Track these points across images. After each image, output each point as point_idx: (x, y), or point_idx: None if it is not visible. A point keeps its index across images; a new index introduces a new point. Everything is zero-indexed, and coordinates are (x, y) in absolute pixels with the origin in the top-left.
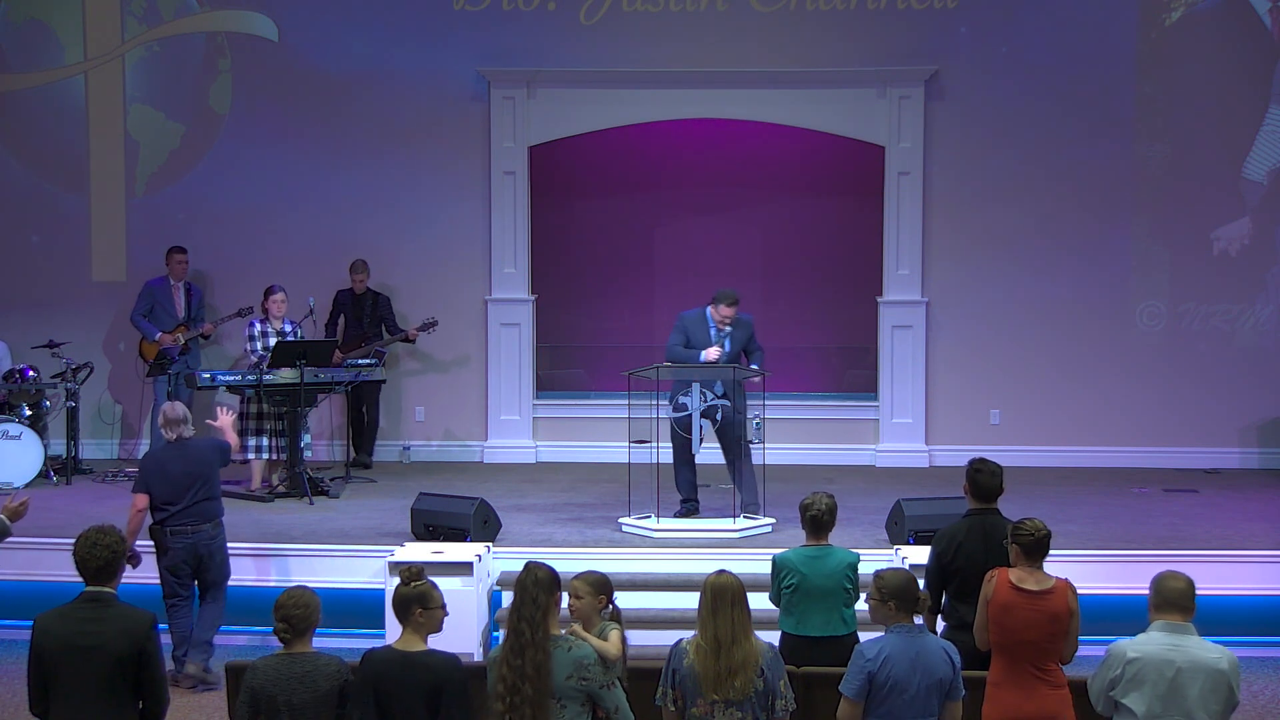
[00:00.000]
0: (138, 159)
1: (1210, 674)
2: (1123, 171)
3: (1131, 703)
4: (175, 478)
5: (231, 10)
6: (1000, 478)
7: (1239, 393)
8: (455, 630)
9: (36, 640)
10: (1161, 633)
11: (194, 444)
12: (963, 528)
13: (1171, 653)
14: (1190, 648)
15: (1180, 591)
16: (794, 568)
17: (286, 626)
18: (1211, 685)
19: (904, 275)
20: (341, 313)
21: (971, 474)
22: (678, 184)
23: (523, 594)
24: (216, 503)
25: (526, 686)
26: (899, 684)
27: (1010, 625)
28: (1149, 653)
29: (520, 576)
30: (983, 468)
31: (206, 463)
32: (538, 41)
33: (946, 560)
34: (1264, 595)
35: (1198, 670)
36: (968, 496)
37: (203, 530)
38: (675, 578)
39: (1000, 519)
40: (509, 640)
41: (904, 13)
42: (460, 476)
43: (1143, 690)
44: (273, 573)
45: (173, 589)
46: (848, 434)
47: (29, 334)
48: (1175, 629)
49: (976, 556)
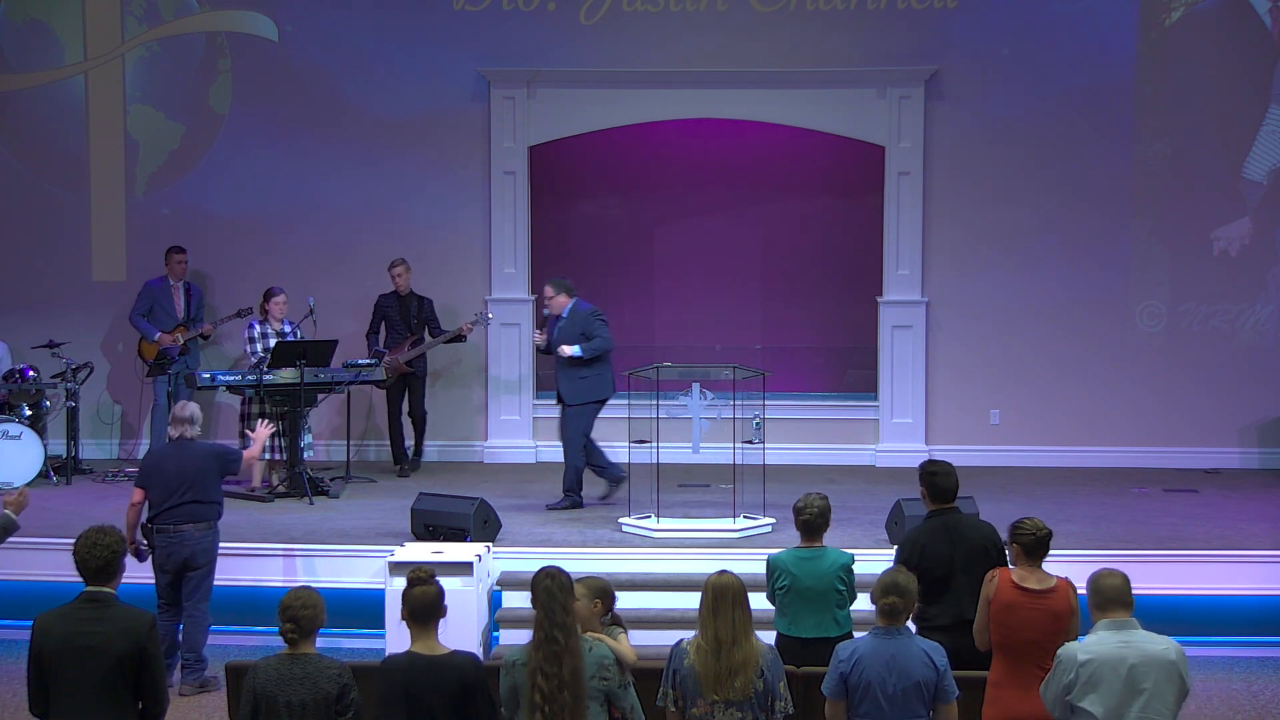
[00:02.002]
0: (138, 159)
1: (1162, 665)
2: (1123, 171)
3: (1090, 705)
4: (168, 477)
5: (231, 10)
6: (955, 476)
7: (1239, 393)
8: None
9: (36, 640)
10: (1109, 631)
11: (193, 446)
12: (925, 530)
13: (1122, 649)
14: (1139, 642)
15: (1119, 588)
16: (785, 569)
17: (294, 627)
18: (1165, 676)
19: (904, 275)
20: (384, 318)
21: (927, 477)
22: (678, 184)
23: (551, 600)
24: (208, 506)
25: (565, 694)
26: (872, 685)
27: (1013, 624)
28: (1100, 653)
29: (543, 583)
30: (938, 469)
31: (201, 466)
32: (538, 41)
33: (913, 565)
34: (1264, 595)
35: (1150, 664)
36: (925, 499)
37: (185, 530)
38: (675, 578)
39: (961, 516)
40: (542, 648)
41: (904, 13)
42: (460, 476)
43: (1100, 690)
44: (273, 573)
45: (160, 588)
46: (848, 434)
47: (29, 334)
48: (1121, 625)
49: (942, 557)
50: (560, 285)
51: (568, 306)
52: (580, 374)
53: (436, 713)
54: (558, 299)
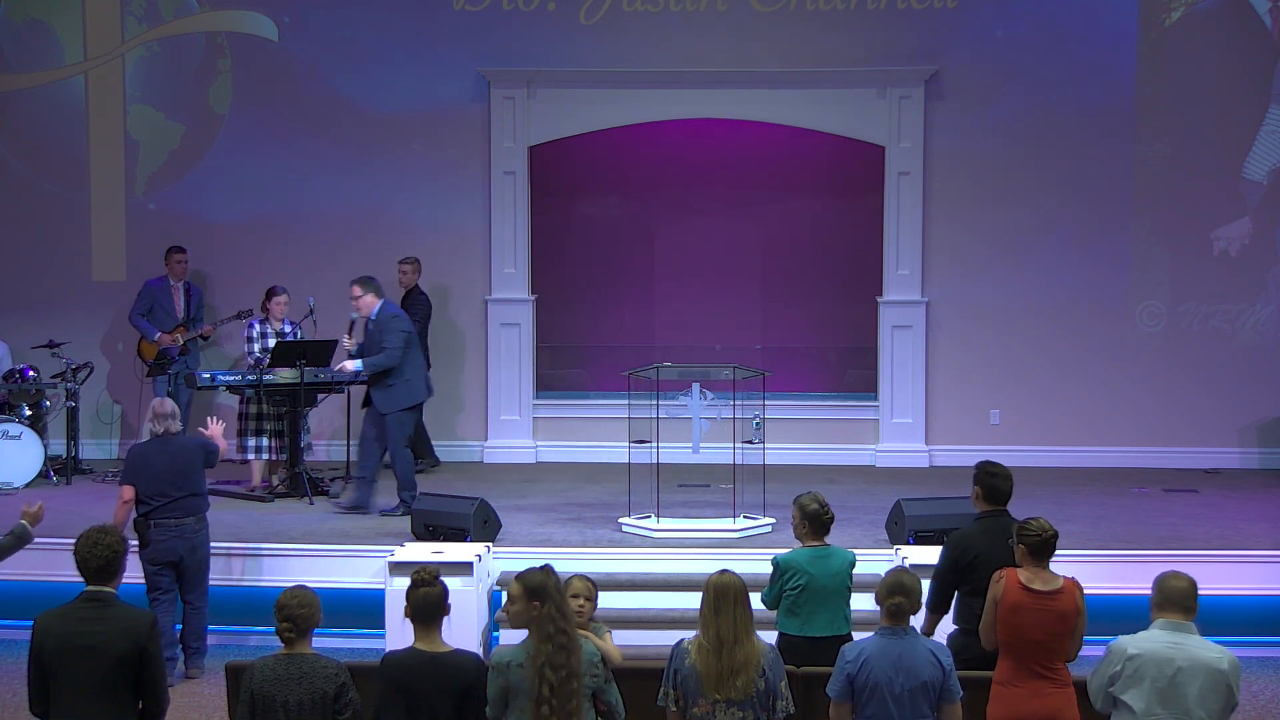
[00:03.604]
0: (138, 159)
1: (1210, 673)
2: (1123, 171)
3: (1130, 699)
4: (160, 472)
5: (231, 10)
6: (1011, 480)
7: (1239, 393)
8: (456, 630)
9: (36, 640)
10: (1163, 630)
11: (179, 440)
12: (977, 530)
13: (1172, 650)
14: (1191, 646)
15: (1182, 591)
16: (801, 568)
17: (291, 626)
18: (1211, 684)
19: (904, 275)
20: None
21: (985, 478)
22: (678, 184)
23: (559, 597)
24: (201, 499)
25: (573, 682)
26: (879, 686)
27: (1020, 625)
28: (1149, 650)
29: (545, 581)
30: (997, 471)
31: (191, 460)
32: (538, 41)
33: (964, 564)
34: (1264, 595)
35: (1197, 669)
36: (978, 500)
37: (186, 524)
38: (675, 578)
39: (1011, 520)
40: (551, 641)
41: (904, 13)
42: (460, 476)
43: (1142, 687)
44: (273, 573)
45: (154, 582)
46: (848, 434)
47: (29, 334)
48: (1177, 628)
49: (990, 559)
50: (368, 284)
51: (376, 308)
52: (388, 381)
53: (437, 709)
54: (364, 299)
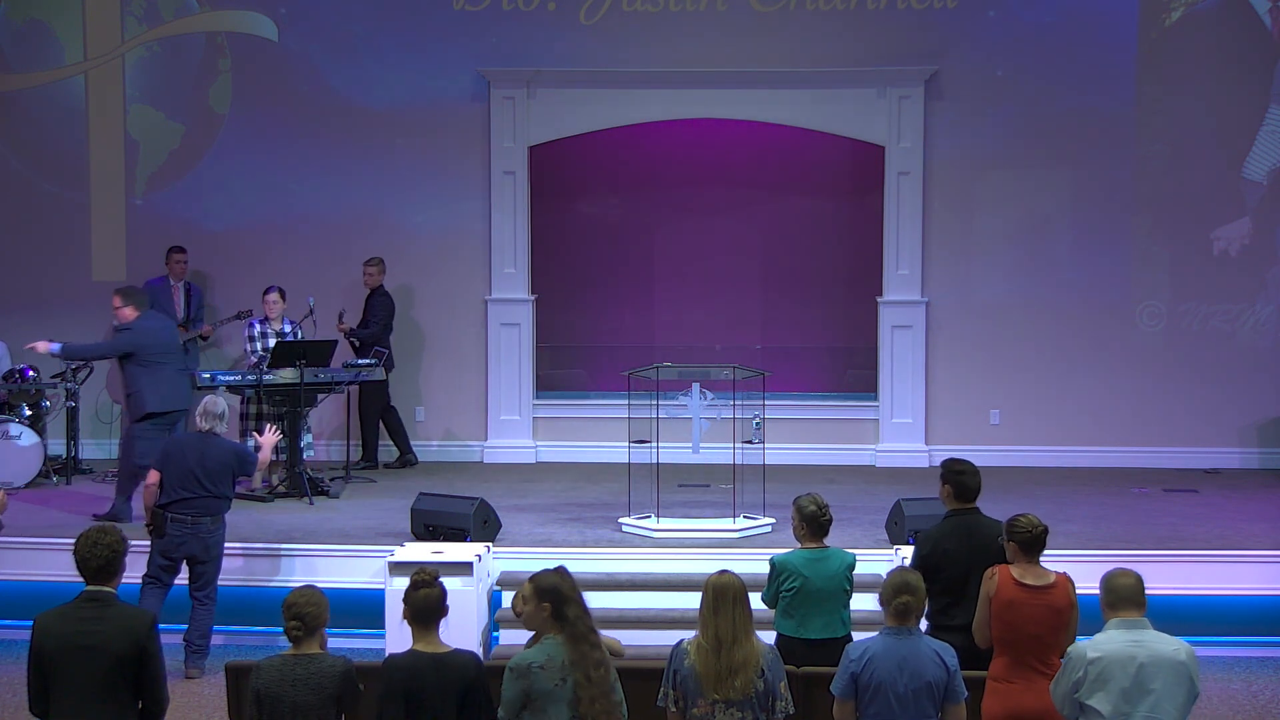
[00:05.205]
0: (138, 159)
1: (1172, 666)
2: (1123, 171)
3: (1097, 703)
4: (189, 467)
5: (231, 10)
6: (979, 477)
7: (1239, 393)
8: (456, 630)
9: (36, 640)
10: (1120, 630)
11: (218, 442)
12: (945, 528)
13: (1133, 648)
14: (1150, 642)
15: (1133, 588)
16: (796, 570)
17: (299, 624)
18: (1174, 678)
19: (904, 275)
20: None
21: (953, 476)
22: (678, 184)
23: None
24: (222, 502)
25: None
26: (884, 685)
27: (1014, 621)
28: (1110, 651)
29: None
30: (964, 469)
31: (222, 463)
32: (538, 41)
33: (932, 562)
34: (1264, 595)
35: (1160, 664)
36: (948, 499)
37: (202, 524)
38: (675, 578)
39: (981, 517)
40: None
41: (904, 13)
42: (460, 476)
43: (1108, 689)
44: (273, 573)
45: (156, 572)
46: (848, 434)
47: (29, 334)
48: (1133, 625)
49: (960, 557)
50: (128, 296)
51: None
52: (127, 391)
53: (438, 709)
54: (124, 310)
